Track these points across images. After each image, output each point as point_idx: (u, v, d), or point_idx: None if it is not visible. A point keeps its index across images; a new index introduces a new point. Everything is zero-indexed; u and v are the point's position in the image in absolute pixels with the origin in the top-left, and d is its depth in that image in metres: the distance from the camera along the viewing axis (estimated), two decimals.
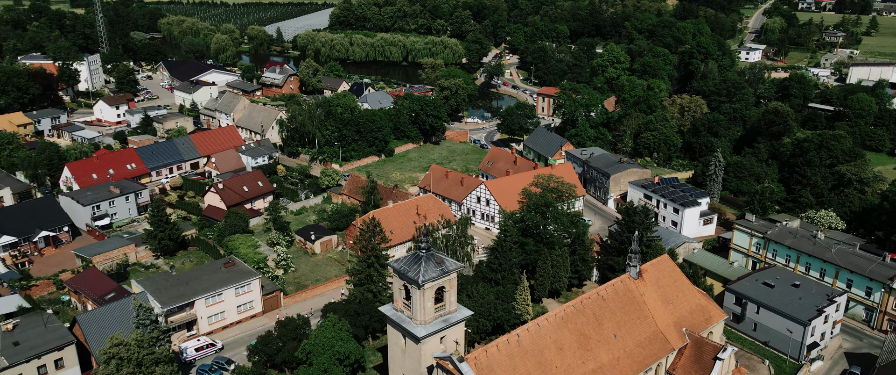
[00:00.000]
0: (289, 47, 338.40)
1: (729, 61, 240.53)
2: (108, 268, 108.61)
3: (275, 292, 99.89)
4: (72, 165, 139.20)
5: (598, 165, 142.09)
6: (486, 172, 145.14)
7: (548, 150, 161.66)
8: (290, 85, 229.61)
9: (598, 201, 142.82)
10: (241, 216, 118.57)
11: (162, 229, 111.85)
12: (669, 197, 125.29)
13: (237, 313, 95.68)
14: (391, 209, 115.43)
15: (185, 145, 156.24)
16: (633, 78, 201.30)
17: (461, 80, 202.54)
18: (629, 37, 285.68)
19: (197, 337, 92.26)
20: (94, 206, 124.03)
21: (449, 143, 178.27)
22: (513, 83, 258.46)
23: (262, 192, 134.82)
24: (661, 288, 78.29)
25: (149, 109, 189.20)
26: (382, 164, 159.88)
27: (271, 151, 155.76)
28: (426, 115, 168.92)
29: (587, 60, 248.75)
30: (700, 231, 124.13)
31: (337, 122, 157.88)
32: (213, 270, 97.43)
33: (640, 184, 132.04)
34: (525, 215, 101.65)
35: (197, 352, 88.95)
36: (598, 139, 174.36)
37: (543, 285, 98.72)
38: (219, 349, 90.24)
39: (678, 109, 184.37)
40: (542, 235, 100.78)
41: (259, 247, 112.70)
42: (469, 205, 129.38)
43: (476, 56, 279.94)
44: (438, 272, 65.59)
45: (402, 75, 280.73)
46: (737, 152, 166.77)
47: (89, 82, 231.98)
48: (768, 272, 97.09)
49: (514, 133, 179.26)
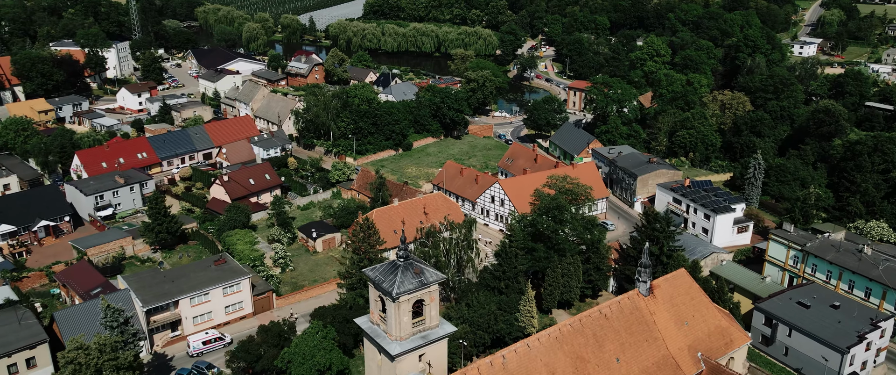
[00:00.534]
0: (321, 37, 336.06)
1: (779, 56, 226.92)
2: (104, 261, 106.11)
3: (267, 292, 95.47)
4: (81, 153, 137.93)
5: (624, 165, 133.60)
6: (506, 169, 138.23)
7: (574, 147, 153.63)
8: (315, 75, 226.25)
9: (623, 204, 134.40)
10: (241, 211, 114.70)
11: (159, 221, 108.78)
12: (700, 202, 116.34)
13: (225, 314, 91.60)
14: (396, 208, 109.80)
15: (199, 135, 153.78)
16: (671, 72, 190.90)
17: (489, 72, 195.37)
18: (672, 29, 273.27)
19: (205, 330, 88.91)
20: (97, 195, 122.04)
21: (471, 137, 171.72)
22: (546, 76, 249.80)
23: (270, 185, 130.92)
24: (675, 307, 70.59)
25: (168, 97, 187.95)
26: (399, 158, 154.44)
27: (285, 142, 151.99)
28: (447, 108, 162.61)
29: (626, 53, 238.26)
30: (733, 240, 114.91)
31: (353, 114, 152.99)
32: (202, 267, 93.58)
33: (668, 187, 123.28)
34: (535, 218, 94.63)
35: (204, 345, 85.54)
36: (631, 137, 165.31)
37: (552, 295, 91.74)
38: (227, 342, 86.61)
39: (719, 106, 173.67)
40: (553, 241, 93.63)
41: (257, 243, 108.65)
42: (483, 205, 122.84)
43: (510, 47, 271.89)
44: (416, 284, 59.56)
45: (433, 67, 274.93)
46: (782, 154, 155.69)
47: (117, 70, 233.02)
48: (804, 290, 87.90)
49: (540, 129, 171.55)
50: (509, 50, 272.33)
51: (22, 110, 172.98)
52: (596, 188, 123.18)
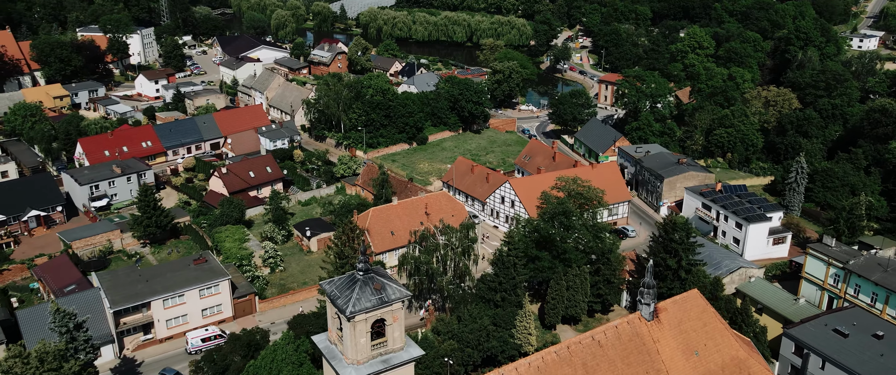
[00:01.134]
0: (352, 25, 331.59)
1: (833, 49, 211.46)
2: (89, 255, 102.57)
3: (249, 295, 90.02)
4: (84, 140, 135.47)
5: (651, 165, 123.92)
6: (523, 167, 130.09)
7: (599, 145, 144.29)
8: (338, 64, 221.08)
9: (649, 208, 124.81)
10: (235, 205, 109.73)
11: (149, 215, 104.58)
12: (732, 209, 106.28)
13: (202, 317, 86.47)
14: (394, 207, 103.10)
15: (207, 124, 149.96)
16: (712, 65, 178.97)
17: (516, 62, 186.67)
18: (719, 19, 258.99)
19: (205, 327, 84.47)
20: (92, 185, 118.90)
21: (492, 132, 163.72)
22: (581, 68, 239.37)
23: (271, 178, 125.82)
24: (684, 334, 61.96)
25: (183, 84, 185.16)
26: (412, 152, 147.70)
27: (293, 133, 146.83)
28: (466, 100, 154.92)
29: (666, 45, 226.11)
30: (768, 252, 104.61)
31: (365, 105, 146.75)
32: (180, 267, 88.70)
33: (698, 191, 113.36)
34: (538, 224, 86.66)
35: (203, 343, 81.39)
36: (664, 135, 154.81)
37: (555, 309, 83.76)
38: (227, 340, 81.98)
39: (762, 103, 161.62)
40: (559, 249, 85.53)
41: (247, 241, 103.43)
42: (493, 205, 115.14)
43: (544, 38, 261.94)
44: (375, 302, 52.66)
45: (464, 57, 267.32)
46: (831, 157, 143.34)
47: (141, 56, 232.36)
48: (844, 315, 77.74)
49: (566, 124, 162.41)
50: (543, 40, 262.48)
51: (38, 96, 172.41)
52: (617, 191, 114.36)
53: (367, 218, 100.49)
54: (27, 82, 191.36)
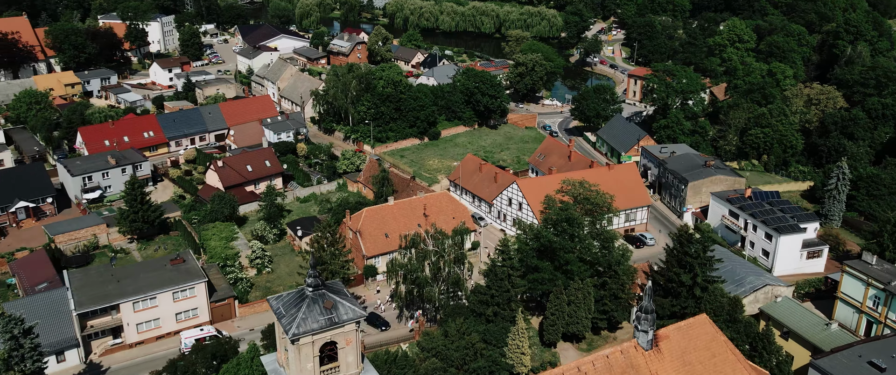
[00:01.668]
0: (379, 14, 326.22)
1: (886, 44, 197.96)
2: (73, 250, 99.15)
3: (228, 299, 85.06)
4: (85, 129, 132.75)
5: (675, 167, 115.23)
6: (537, 166, 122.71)
7: (622, 144, 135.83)
8: (357, 54, 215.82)
9: (672, 213, 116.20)
10: (226, 201, 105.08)
11: (135, 209, 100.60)
12: (762, 218, 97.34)
13: (176, 321, 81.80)
14: (390, 208, 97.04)
15: (212, 114, 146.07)
16: (750, 59, 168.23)
17: (540, 55, 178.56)
18: (762, 11, 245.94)
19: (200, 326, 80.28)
20: (84, 176, 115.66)
21: (510, 128, 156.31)
22: (611, 62, 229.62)
23: (270, 173, 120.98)
24: (688, 365, 54.48)
25: (195, 73, 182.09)
26: (422, 148, 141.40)
27: (299, 125, 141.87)
28: (482, 93, 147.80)
29: (704, 38, 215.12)
30: (800, 267, 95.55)
31: (374, 97, 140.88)
32: (156, 267, 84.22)
33: (725, 196, 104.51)
34: (539, 230, 79.54)
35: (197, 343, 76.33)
36: (695, 134, 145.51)
37: (555, 326, 76.71)
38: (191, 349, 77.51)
39: (804, 102, 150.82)
40: (561, 260, 78.34)
41: (235, 239, 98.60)
42: (500, 207, 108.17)
43: (575, 30, 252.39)
44: (324, 322, 46.68)
45: (492, 49, 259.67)
46: (878, 162, 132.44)
47: (161, 44, 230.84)
48: (883, 344, 68.95)
49: (589, 121, 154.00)
50: (574, 32, 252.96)
51: (49, 83, 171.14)
52: (635, 195, 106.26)
53: (360, 219, 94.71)
54: (42, 69, 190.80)
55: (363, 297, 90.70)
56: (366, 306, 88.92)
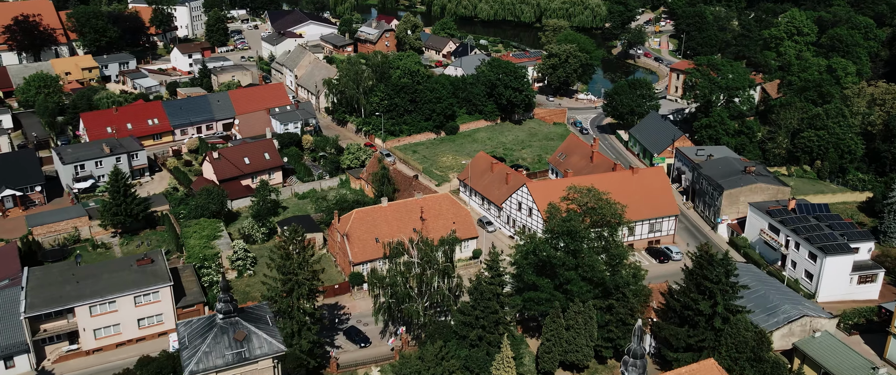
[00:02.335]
0: (416, 2, 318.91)
1: None
2: (52, 243, 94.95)
3: (197, 305, 78.92)
4: (86, 115, 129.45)
5: (711, 172, 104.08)
6: (556, 166, 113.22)
7: (655, 144, 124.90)
8: (385, 42, 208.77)
9: (705, 224, 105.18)
10: (214, 195, 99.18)
11: (118, 201, 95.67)
12: (805, 234, 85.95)
13: (138, 328, 76.09)
14: (383, 209, 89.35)
15: (221, 102, 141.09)
16: (807, 54, 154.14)
17: (574, 46, 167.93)
18: (827, 2, 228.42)
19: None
20: (77, 165, 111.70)
21: (535, 123, 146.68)
22: (657, 55, 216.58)
23: (269, 166, 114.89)
24: None
25: (217, 59, 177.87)
26: (437, 143, 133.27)
27: (309, 116, 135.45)
28: (505, 86, 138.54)
29: (759, 30, 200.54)
30: (850, 293, 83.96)
31: (388, 87, 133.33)
32: (120, 267, 78.63)
33: (765, 208, 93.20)
34: (537, 244, 70.63)
35: None
36: (741, 135, 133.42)
37: (551, 353, 67.87)
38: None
39: (867, 102, 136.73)
40: (561, 277, 69.36)
41: (218, 238, 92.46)
42: (509, 212, 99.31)
43: (619, 20, 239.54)
44: (231, 358, 39.46)
45: (531, 39, 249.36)
46: None
47: (189, 29, 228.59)
48: None
49: (623, 118, 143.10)
50: (618, 23, 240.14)
51: (66, 66, 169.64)
52: (662, 202, 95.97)
53: (348, 221, 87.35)
54: (65, 52, 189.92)
55: (347, 307, 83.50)
56: (349, 317, 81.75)
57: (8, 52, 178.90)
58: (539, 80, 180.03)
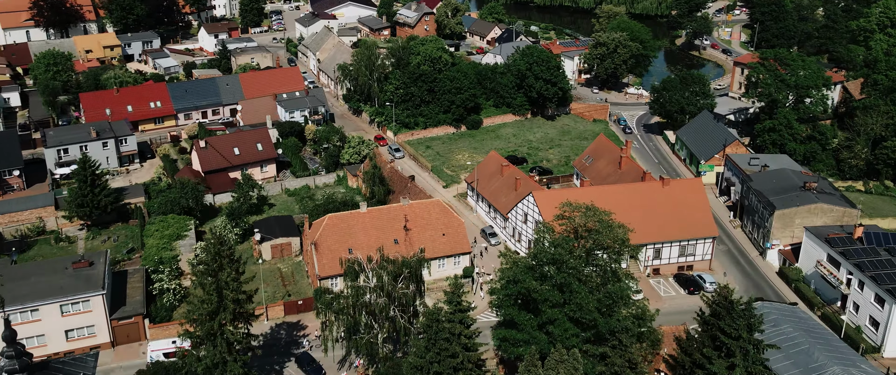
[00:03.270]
0: None
1: None
2: (13, 234, 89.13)
3: (135, 317, 70.65)
4: (85, 96, 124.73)
5: (762, 186, 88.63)
6: (581, 171, 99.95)
7: (704, 149, 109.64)
8: (424, 25, 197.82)
9: (752, 248, 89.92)
10: (188, 189, 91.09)
11: (85, 191, 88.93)
12: (872, 272, 70.39)
13: (65, 340, 68.44)
14: (361, 216, 78.86)
15: (230, 86, 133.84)
16: None
17: (624, 34, 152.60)
18: None
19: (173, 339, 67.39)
20: (60, 148, 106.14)
21: (571, 119, 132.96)
22: (725, 46, 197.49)
23: (261, 158, 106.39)
24: None
25: (232, 40, 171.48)
26: (456, 139, 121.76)
27: (318, 104, 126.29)
28: (535, 77, 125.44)
29: (846, 21, 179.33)
30: None
31: (404, 74, 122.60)
32: (53, 270, 71.33)
33: (824, 235, 77.71)
34: (518, 272, 58.53)
35: (166, 358, 65.22)
36: (812, 141, 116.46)
37: None
38: None
39: None
40: (545, 316, 57.20)
41: (183, 238, 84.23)
42: (514, 223, 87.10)
43: (686, 6, 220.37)
44: None
45: (589, 26, 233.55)
46: None
47: (227, 8, 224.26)
48: None
49: (671, 117, 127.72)
50: (685, 10, 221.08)
51: (88, 44, 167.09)
52: (697, 222, 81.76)
53: (319, 227, 77.34)
54: (93, 30, 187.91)
55: (309, 327, 73.63)
56: (307, 337, 71.93)
57: (35, 28, 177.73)
58: (586, 71, 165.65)
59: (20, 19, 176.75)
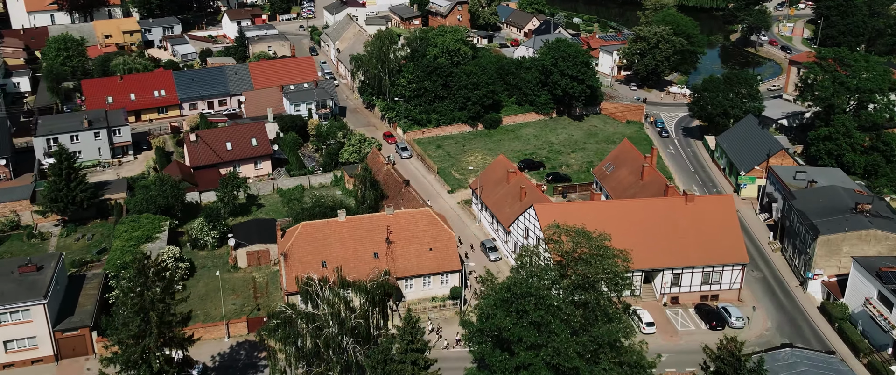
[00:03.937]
0: None
1: None
2: None
3: (81, 330, 65.13)
4: (88, 83, 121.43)
5: (806, 205, 77.59)
6: (600, 180, 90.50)
7: (745, 159, 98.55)
8: (456, 15, 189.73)
9: (792, 277, 79.02)
10: (167, 186, 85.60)
11: (59, 186, 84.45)
12: None
13: (5, 352, 63.40)
14: (339, 225, 71.51)
15: (239, 75, 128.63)
16: None
17: (668, 28, 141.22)
18: None
19: None
20: (49, 138, 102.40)
21: (600, 120, 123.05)
22: (784, 43, 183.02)
23: (256, 154, 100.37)
24: None
25: (250, 28, 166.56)
26: (471, 138, 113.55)
27: (326, 97, 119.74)
28: (561, 74, 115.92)
29: None
30: None
31: (418, 67, 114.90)
32: (2, 273, 66.05)
33: (876, 268, 66.69)
34: (488, 306, 50.24)
35: None
36: (875, 152, 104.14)
37: None
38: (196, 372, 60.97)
39: None
40: (519, 359, 48.84)
41: (154, 240, 78.57)
42: (516, 237, 78.50)
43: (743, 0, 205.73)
44: None
45: (636, 18, 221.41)
46: None
47: None
48: None
49: (712, 120, 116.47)
50: (743, 3, 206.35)
51: (108, 28, 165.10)
52: (723, 246, 71.70)
53: (291, 237, 70.44)
54: (118, 14, 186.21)
55: None
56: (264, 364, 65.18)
57: (59, 11, 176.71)
58: (626, 67, 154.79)
59: (45, 2, 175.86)
